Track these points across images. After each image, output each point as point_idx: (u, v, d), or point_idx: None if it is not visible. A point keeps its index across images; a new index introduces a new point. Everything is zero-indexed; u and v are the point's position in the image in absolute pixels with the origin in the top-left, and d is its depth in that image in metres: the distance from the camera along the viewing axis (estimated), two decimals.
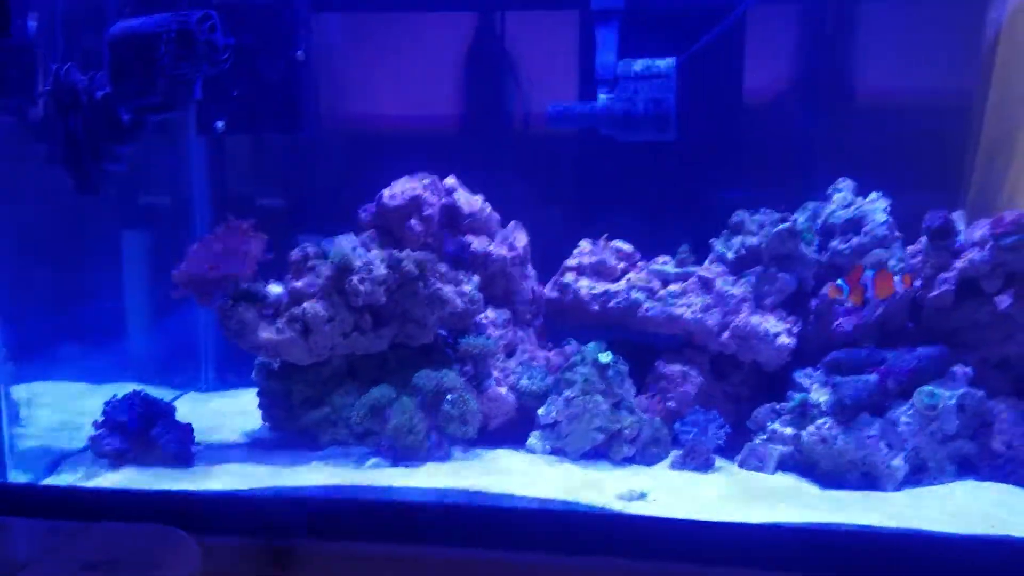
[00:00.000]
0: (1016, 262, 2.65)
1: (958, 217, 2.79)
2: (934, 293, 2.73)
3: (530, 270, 3.26)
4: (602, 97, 3.28)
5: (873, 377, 2.63)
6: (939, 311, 2.77)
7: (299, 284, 2.75)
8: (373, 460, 2.70)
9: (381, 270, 2.75)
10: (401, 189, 3.04)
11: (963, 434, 2.64)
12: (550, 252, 3.33)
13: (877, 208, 2.93)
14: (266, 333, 2.70)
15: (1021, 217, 2.64)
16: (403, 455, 2.67)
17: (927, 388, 2.59)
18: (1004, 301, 2.73)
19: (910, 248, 2.88)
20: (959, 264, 2.71)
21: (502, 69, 3.70)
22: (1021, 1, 3.48)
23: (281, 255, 2.92)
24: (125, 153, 2.76)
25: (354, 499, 2.40)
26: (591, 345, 2.96)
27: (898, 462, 2.55)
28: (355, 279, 2.71)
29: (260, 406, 2.96)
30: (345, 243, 2.80)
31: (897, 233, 2.93)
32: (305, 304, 2.71)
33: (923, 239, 2.82)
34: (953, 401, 2.60)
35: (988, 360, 2.76)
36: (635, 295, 3.07)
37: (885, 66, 3.60)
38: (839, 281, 2.62)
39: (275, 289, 2.79)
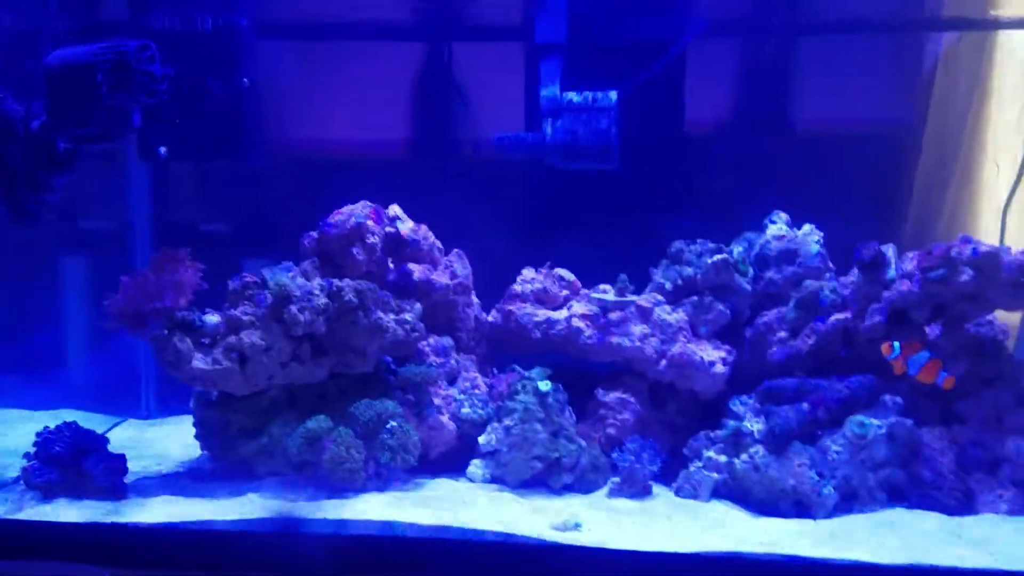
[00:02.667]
0: (943, 294, 2.72)
1: (889, 249, 2.85)
2: (866, 324, 2.79)
3: (473, 298, 3.27)
4: (547, 128, 3.33)
5: (804, 406, 2.67)
6: (870, 341, 2.82)
7: (236, 313, 2.73)
8: (309, 491, 2.68)
9: (321, 299, 2.75)
10: (344, 217, 3.04)
11: (893, 462, 2.69)
12: (496, 279, 3.35)
13: (810, 240, 2.99)
14: (202, 364, 2.67)
15: (948, 251, 2.71)
16: (340, 486, 2.66)
17: (857, 417, 2.65)
18: (934, 331, 2.80)
19: (843, 279, 2.94)
20: (889, 295, 2.78)
21: (449, 99, 3.73)
22: (956, 35, 3.61)
23: (225, 284, 2.90)
24: (61, 184, 2.73)
25: (285, 532, 2.38)
26: (535, 371, 2.98)
27: (828, 490, 2.59)
28: (294, 308, 2.71)
29: (197, 436, 2.93)
30: (284, 272, 2.79)
31: (830, 264, 3.00)
32: (242, 333, 2.69)
33: (855, 271, 2.88)
34: (883, 430, 2.66)
35: (918, 389, 2.81)
36: (576, 323, 3.10)
37: (825, 98, 3.70)
38: (896, 343, 2.60)
39: (212, 319, 2.76)
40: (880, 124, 3.65)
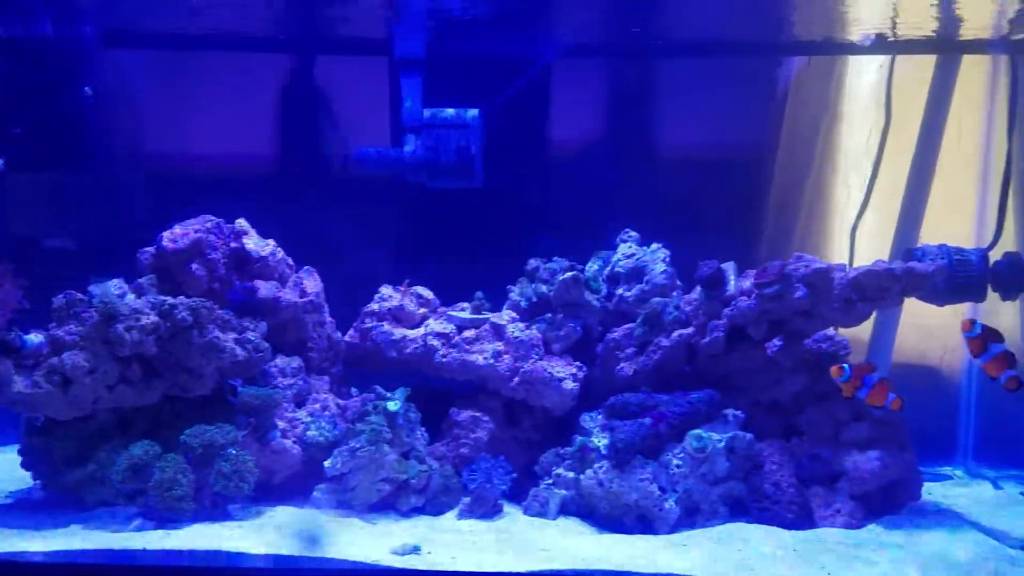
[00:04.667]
0: (779, 310, 2.79)
1: (729, 267, 2.90)
2: (706, 339, 2.84)
3: (326, 316, 3.19)
4: (408, 144, 3.30)
5: (647, 421, 2.69)
6: (712, 357, 2.87)
7: (60, 332, 2.59)
8: (137, 522, 2.53)
9: (151, 318, 2.63)
10: (183, 232, 2.92)
11: (735, 476, 2.73)
12: (355, 297, 3.28)
13: (657, 258, 3.03)
14: (21, 386, 2.51)
15: (783, 268, 2.78)
16: (170, 516, 2.53)
17: (696, 432, 2.67)
18: (773, 347, 2.86)
19: (688, 296, 2.99)
20: (728, 312, 2.83)
21: (307, 113, 3.65)
22: (805, 61, 3.74)
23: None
24: None
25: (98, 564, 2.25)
26: (398, 391, 2.91)
27: (670, 504, 2.60)
28: (120, 327, 2.57)
29: (23, 464, 2.75)
30: (111, 288, 2.66)
31: (677, 282, 3.04)
32: (65, 354, 2.55)
33: (698, 288, 2.92)
34: (722, 444, 2.69)
35: (759, 403, 2.88)
36: (431, 341, 3.05)
37: (682, 120, 3.78)
38: (845, 365, 2.59)
39: (35, 338, 2.60)
40: (734, 146, 3.75)
